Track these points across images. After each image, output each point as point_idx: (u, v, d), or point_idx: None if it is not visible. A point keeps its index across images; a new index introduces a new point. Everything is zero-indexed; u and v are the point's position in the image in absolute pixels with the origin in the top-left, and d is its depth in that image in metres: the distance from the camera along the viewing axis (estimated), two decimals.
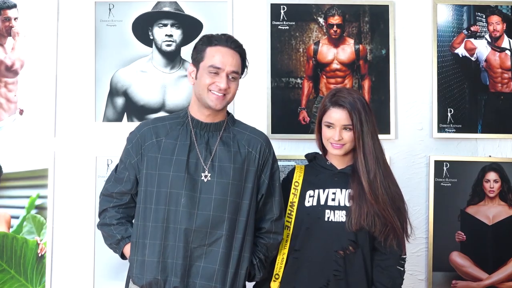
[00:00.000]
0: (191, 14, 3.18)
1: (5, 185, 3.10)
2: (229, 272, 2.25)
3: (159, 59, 3.17)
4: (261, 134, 2.41)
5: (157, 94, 3.15)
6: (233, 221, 2.26)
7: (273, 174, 2.39)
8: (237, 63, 2.28)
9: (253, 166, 2.32)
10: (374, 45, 3.20)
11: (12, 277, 3.07)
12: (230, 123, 2.36)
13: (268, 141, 2.41)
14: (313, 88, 3.18)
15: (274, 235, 2.37)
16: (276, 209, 2.38)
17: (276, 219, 2.37)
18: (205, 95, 2.26)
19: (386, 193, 2.32)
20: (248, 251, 2.30)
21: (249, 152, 2.32)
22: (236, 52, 2.29)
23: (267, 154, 2.37)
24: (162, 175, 2.26)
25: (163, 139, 2.30)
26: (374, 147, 2.36)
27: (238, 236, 2.27)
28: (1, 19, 3.15)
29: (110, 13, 3.17)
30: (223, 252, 2.24)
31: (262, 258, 2.36)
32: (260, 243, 2.37)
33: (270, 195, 2.37)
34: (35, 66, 3.13)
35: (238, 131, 2.36)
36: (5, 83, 3.13)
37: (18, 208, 3.10)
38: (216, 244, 2.24)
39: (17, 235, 3.08)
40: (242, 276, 2.29)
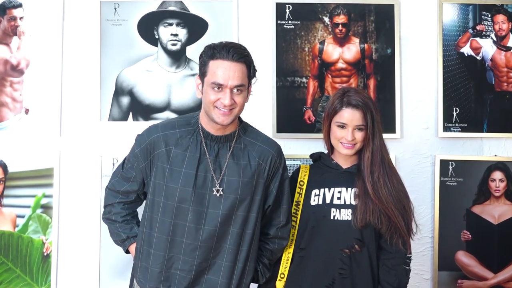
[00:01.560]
0: (196, 14, 3.18)
1: (11, 184, 3.10)
2: (232, 283, 2.24)
3: (164, 58, 3.17)
4: (273, 144, 2.35)
5: (162, 93, 3.15)
6: (239, 235, 2.24)
7: (282, 184, 2.35)
8: (241, 75, 2.17)
9: (262, 178, 2.28)
10: (379, 44, 3.19)
11: (18, 276, 3.07)
12: (242, 133, 2.30)
13: (280, 151, 2.36)
14: (319, 87, 3.17)
15: (279, 240, 2.36)
16: (283, 216, 2.35)
17: (282, 226, 2.35)
18: (212, 112, 2.19)
19: (389, 193, 2.32)
20: (253, 261, 2.30)
21: (260, 164, 2.27)
22: (240, 63, 2.17)
23: (277, 164, 2.32)
24: (169, 187, 2.22)
25: (173, 149, 2.24)
26: (381, 147, 2.36)
27: (244, 248, 2.25)
28: (6, 19, 3.15)
29: (116, 12, 3.17)
30: (227, 265, 2.23)
31: (266, 263, 2.36)
32: (265, 248, 2.36)
33: (277, 204, 2.35)
34: (41, 65, 3.14)
35: (250, 141, 2.29)
36: (11, 83, 3.14)
37: (24, 207, 3.10)
38: (220, 257, 2.23)
39: (22, 234, 3.08)
40: (246, 285, 2.29)
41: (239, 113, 2.23)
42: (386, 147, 2.39)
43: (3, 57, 3.13)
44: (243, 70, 2.18)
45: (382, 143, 2.38)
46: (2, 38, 3.14)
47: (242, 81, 2.17)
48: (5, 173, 3.10)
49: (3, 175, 3.09)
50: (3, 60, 3.13)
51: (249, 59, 2.23)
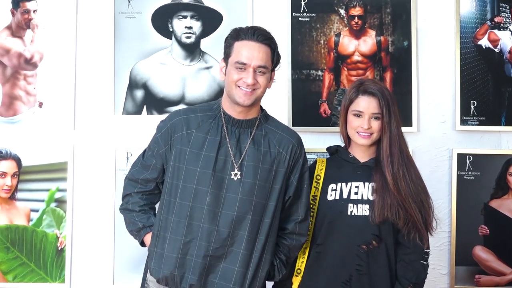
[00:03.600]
0: (211, 6, 3.15)
1: (25, 178, 3.08)
2: (248, 273, 2.22)
3: (178, 51, 3.14)
4: (293, 134, 2.35)
5: (176, 86, 3.12)
6: (256, 222, 2.22)
7: (302, 176, 2.33)
8: (265, 57, 2.21)
9: (283, 167, 2.26)
10: (396, 37, 3.15)
11: (32, 270, 3.06)
12: (263, 120, 2.31)
13: (300, 142, 2.35)
14: (334, 80, 3.14)
15: (297, 237, 2.33)
16: (302, 211, 2.33)
17: (301, 221, 2.33)
18: (233, 91, 2.21)
19: (408, 185, 2.29)
20: (270, 253, 2.27)
21: (279, 153, 2.27)
22: (265, 45, 2.22)
23: (297, 155, 2.31)
24: (189, 169, 2.22)
25: (194, 132, 2.25)
26: (399, 138, 2.33)
27: (261, 237, 2.23)
28: (20, 12, 3.13)
29: (130, 5, 3.14)
30: (244, 253, 2.21)
31: (283, 259, 2.33)
32: (282, 244, 2.33)
33: (297, 197, 2.33)
34: (54, 58, 3.12)
35: (271, 129, 2.30)
36: (24, 76, 3.12)
37: (38, 201, 3.09)
38: (237, 245, 2.21)
39: (36, 228, 3.07)
40: (262, 278, 2.26)
41: (261, 96, 2.25)
42: (404, 139, 2.37)
43: (17, 50, 3.11)
44: (268, 52, 2.22)
45: (400, 134, 2.35)
46: (16, 31, 3.13)
47: (265, 62, 2.21)
48: (19, 167, 3.08)
49: (17, 169, 3.08)
50: (16, 54, 3.11)
51: (274, 42, 2.27)
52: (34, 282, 3.06)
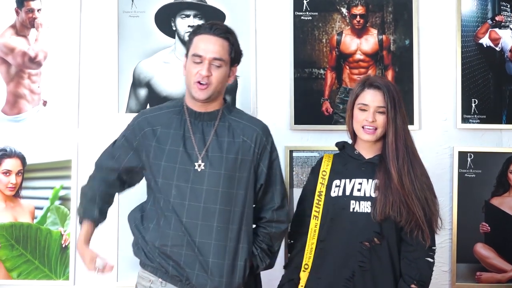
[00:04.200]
0: (213, 5, 3.17)
1: (29, 176, 3.11)
2: (225, 264, 2.22)
3: (182, 50, 3.15)
4: (258, 123, 2.38)
5: (179, 85, 3.14)
6: (226, 212, 2.23)
7: (272, 163, 2.35)
8: (221, 50, 2.23)
9: (248, 155, 2.28)
10: (397, 36, 3.17)
11: (36, 267, 3.09)
12: (226, 112, 2.33)
13: (266, 130, 2.37)
14: (336, 79, 3.16)
15: (277, 224, 2.35)
16: (278, 198, 2.36)
17: (278, 208, 2.35)
18: (191, 86, 2.25)
19: (411, 182, 2.29)
20: (247, 242, 2.27)
21: (244, 142, 2.29)
22: (221, 39, 2.24)
23: (264, 142, 2.33)
24: (156, 164, 2.27)
25: (159, 128, 2.30)
26: (404, 134, 2.34)
27: (233, 227, 2.24)
28: (24, 11, 3.15)
29: (133, 4, 3.16)
30: (215, 244, 2.22)
31: (264, 248, 2.34)
32: (262, 233, 2.35)
33: (270, 185, 2.35)
34: (59, 57, 3.14)
35: (234, 120, 2.32)
36: (29, 75, 3.14)
37: (42, 199, 3.11)
38: (208, 237, 2.22)
39: (41, 226, 3.10)
40: (242, 267, 2.26)
41: (216, 90, 2.26)
42: (411, 136, 2.38)
43: (21, 49, 3.14)
44: (224, 45, 2.24)
45: (406, 130, 2.36)
46: (20, 30, 3.15)
47: (221, 55, 2.23)
48: (24, 165, 3.11)
49: (22, 167, 3.11)
50: (21, 52, 3.14)
51: (233, 37, 2.29)
52: (38, 279, 3.08)
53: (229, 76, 2.31)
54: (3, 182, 3.10)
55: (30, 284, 3.09)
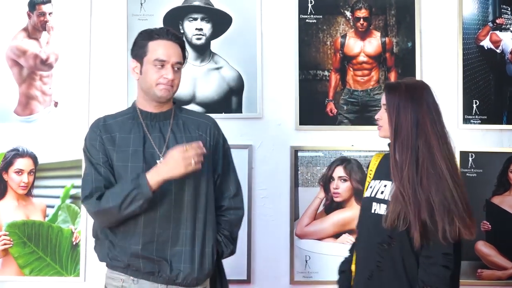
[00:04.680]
0: (220, 8, 3.25)
1: (41, 175, 3.19)
2: (196, 251, 2.29)
3: (189, 52, 3.23)
4: (208, 118, 2.50)
5: (187, 86, 3.22)
6: (193, 203, 2.31)
7: (225, 153, 2.48)
8: (179, 54, 2.35)
9: (206, 148, 2.30)
10: (400, 38, 3.24)
11: (48, 264, 3.16)
12: (178, 111, 2.43)
13: (216, 123, 2.48)
14: (340, 81, 3.23)
15: (235, 211, 2.46)
16: (233, 186, 2.47)
17: (234, 196, 2.46)
18: (153, 89, 2.31)
19: (415, 193, 2.16)
20: (211, 229, 2.36)
21: (200, 136, 2.39)
22: (177, 44, 2.35)
23: (216, 135, 2.45)
24: (121, 166, 2.29)
25: (117, 134, 2.34)
26: (412, 138, 2.20)
27: (200, 216, 2.32)
28: (36, 14, 3.23)
29: (142, 7, 3.24)
30: (187, 232, 2.30)
31: (227, 235, 2.43)
32: (223, 220, 2.43)
33: (225, 174, 2.46)
34: (69, 59, 3.22)
35: (187, 117, 2.43)
36: (40, 76, 3.22)
37: (53, 197, 3.19)
38: (181, 226, 2.29)
39: (52, 224, 3.17)
40: (210, 254, 2.33)
41: (176, 90, 2.38)
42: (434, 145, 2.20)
43: (33, 51, 3.22)
44: (180, 50, 2.37)
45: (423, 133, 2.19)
46: (32, 33, 3.23)
47: (180, 59, 2.36)
48: (35, 164, 3.19)
49: (34, 167, 3.18)
50: (33, 55, 3.22)
51: (183, 43, 2.43)
52: (50, 275, 3.16)
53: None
54: (16, 181, 3.18)
55: (41, 281, 3.17)
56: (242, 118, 3.23)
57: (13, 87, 3.23)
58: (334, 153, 3.19)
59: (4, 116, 3.22)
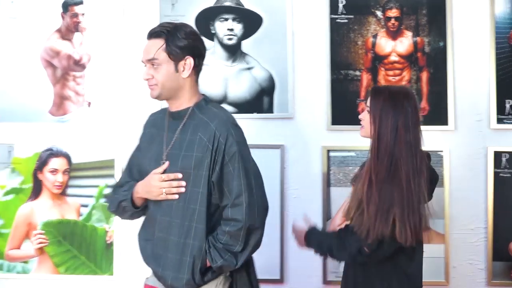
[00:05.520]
0: (251, 9, 3.26)
1: (75, 175, 3.23)
2: (176, 259, 2.23)
3: (221, 52, 3.25)
4: (216, 118, 2.26)
5: (219, 86, 3.23)
6: (183, 209, 2.23)
7: (229, 158, 2.22)
8: (153, 50, 2.24)
9: (203, 152, 2.21)
10: (432, 37, 3.23)
11: (83, 263, 3.20)
12: (197, 110, 2.29)
13: (223, 124, 2.24)
14: (372, 80, 3.23)
15: (234, 222, 2.20)
16: (232, 195, 2.21)
17: (232, 206, 2.20)
18: None
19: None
20: (198, 240, 2.21)
21: (200, 138, 2.22)
22: (153, 39, 2.26)
23: (218, 138, 2.21)
24: (139, 162, 2.40)
25: (147, 130, 2.42)
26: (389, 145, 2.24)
27: (186, 224, 2.22)
28: (69, 15, 3.27)
29: (173, 8, 3.26)
30: (173, 239, 2.24)
31: (218, 246, 2.21)
32: (219, 230, 2.23)
33: (225, 182, 2.23)
34: (102, 60, 3.25)
35: (201, 118, 2.27)
36: (74, 77, 3.26)
37: (87, 197, 3.23)
38: (170, 232, 2.25)
39: (86, 223, 3.21)
40: (189, 263, 2.21)
41: (166, 87, 2.26)
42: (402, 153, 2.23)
43: (67, 52, 3.25)
44: (156, 44, 2.25)
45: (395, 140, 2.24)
46: (65, 34, 3.26)
47: (154, 55, 2.23)
48: (70, 164, 3.22)
49: (68, 166, 3.22)
50: (66, 55, 3.25)
51: (168, 33, 2.25)
52: (84, 274, 3.20)
53: (181, 71, 2.27)
54: (50, 181, 3.22)
55: (76, 279, 3.21)
56: (274, 118, 3.24)
57: (47, 88, 3.27)
58: (366, 153, 3.15)
59: (39, 116, 3.26)
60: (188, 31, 2.30)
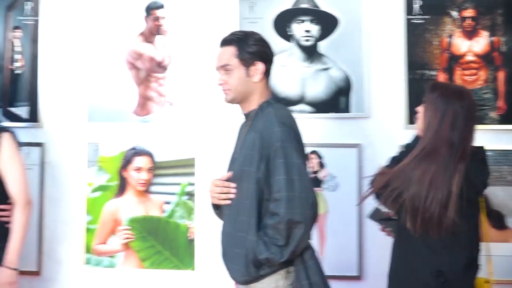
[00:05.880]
0: (327, 10, 3.32)
1: (158, 173, 3.34)
2: (232, 251, 2.36)
3: (298, 53, 3.32)
4: (265, 118, 2.37)
5: (296, 87, 3.31)
6: (238, 204, 2.37)
7: (274, 154, 2.29)
8: (226, 57, 2.40)
9: (254, 150, 2.33)
10: (508, 37, 3.25)
11: (166, 258, 3.31)
12: (260, 112, 2.41)
13: (269, 124, 2.33)
14: (448, 80, 3.26)
15: (275, 216, 2.25)
16: (275, 189, 2.28)
17: (274, 200, 2.28)
18: None
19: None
20: (250, 233, 2.30)
21: (253, 138, 2.35)
22: (227, 46, 2.42)
23: (264, 136, 2.32)
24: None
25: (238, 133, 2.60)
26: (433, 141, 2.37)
27: (240, 218, 2.34)
28: (151, 19, 3.38)
29: (252, 10, 3.34)
30: (231, 233, 2.38)
31: (265, 240, 2.27)
32: (265, 224, 2.30)
33: (270, 176, 2.30)
34: (183, 61, 3.35)
35: (259, 118, 2.39)
36: (156, 78, 3.37)
37: (170, 194, 3.34)
38: (230, 226, 2.39)
39: (169, 219, 3.32)
40: (241, 255, 2.31)
41: (236, 91, 2.41)
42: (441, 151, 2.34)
43: (149, 54, 3.36)
44: (228, 51, 2.41)
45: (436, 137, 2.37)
46: (148, 37, 3.38)
47: (226, 61, 2.40)
48: (153, 162, 3.34)
49: (151, 164, 3.34)
50: (149, 58, 3.37)
51: (237, 40, 2.42)
52: (168, 269, 3.31)
53: (252, 75, 2.39)
54: (135, 178, 3.34)
55: (160, 273, 3.33)
56: (350, 118, 3.30)
57: (132, 89, 3.39)
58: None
59: (124, 117, 3.38)
60: (257, 38, 2.45)
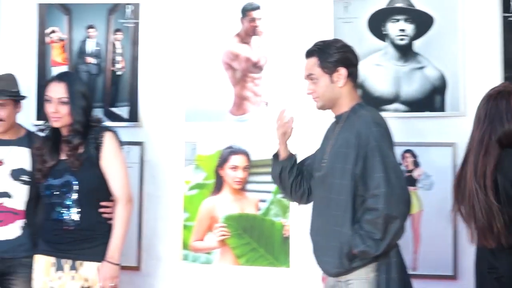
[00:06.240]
0: (422, 9, 3.32)
1: (254, 172, 3.40)
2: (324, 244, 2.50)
3: (392, 52, 3.33)
4: (360, 119, 2.49)
5: (391, 86, 3.32)
6: (329, 199, 2.49)
7: (370, 153, 2.41)
8: (310, 67, 2.57)
9: (349, 148, 2.45)
10: None
11: (262, 255, 3.36)
12: (352, 113, 2.54)
13: (365, 124, 2.46)
14: None
15: (374, 211, 2.37)
16: (372, 185, 2.39)
17: (371, 196, 2.39)
18: None
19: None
20: (345, 227, 2.43)
21: (348, 137, 2.47)
22: (310, 57, 2.59)
23: (361, 136, 2.43)
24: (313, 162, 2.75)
25: (326, 134, 2.72)
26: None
27: (334, 212, 2.47)
28: (247, 20, 3.45)
29: (346, 10, 3.37)
30: (324, 227, 2.51)
31: (361, 233, 2.38)
32: (361, 218, 2.41)
33: (367, 173, 2.41)
34: (278, 62, 3.41)
35: (353, 119, 2.52)
36: (252, 78, 3.44)
37: (265, 192, 3.39)
38: (322, 220, 2.53)
39: (264, 217, 3.37)
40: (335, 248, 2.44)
41: (324, 98, 2.57)
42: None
43: (245, 55, 3.44)
44: (312, 62, 2.58)
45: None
46: (244, 38, 3.45)
47: (310, 71, 2.58)
48: (249, 161, 3.40)
49: (247, 163, 3.40)
50: (245, 58, 3.44)
51: (319, 50, 2.58)
52: (263, 266, 3.36)
53: (336, 81, 2.55)
54: (231, 177, 3.41)
55: (256, 270, 3.38)
56: (445, 117, 3.29)
57: (228, 89, 3.46)
58: None
59: (221, 116, 3.46)
60: (339, 45, 2.60)
